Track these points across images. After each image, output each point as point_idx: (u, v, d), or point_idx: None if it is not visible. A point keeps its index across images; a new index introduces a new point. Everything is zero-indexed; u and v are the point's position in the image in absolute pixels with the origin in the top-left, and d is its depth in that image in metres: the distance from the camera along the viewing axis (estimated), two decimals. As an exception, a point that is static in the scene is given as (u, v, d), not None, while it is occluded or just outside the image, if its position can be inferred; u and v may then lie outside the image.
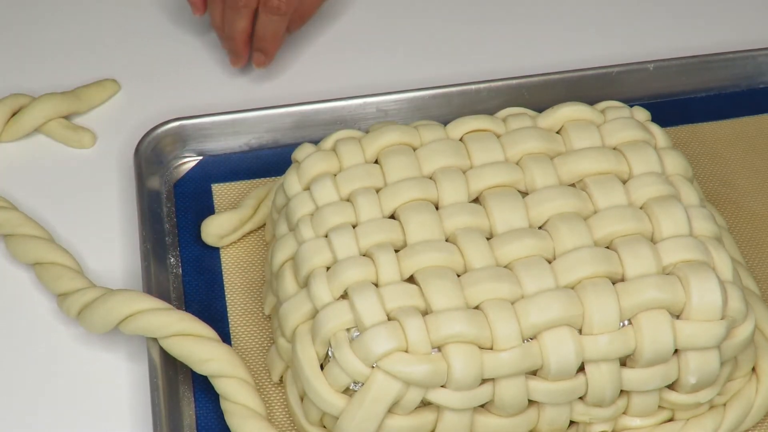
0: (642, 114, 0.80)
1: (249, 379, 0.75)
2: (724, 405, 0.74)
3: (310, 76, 0.98)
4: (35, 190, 0.89)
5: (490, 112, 0.80)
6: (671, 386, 0.72)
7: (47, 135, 0.93)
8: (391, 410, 0.69)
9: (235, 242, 0.85)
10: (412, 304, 0.69)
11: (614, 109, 0.80)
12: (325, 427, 0.73)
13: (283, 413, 0.76)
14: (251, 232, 0.86)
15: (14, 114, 0.92)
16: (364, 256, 0.72)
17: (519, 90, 0.93)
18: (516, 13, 1.03)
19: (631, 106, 0.81)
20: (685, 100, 0.96)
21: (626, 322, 0.70)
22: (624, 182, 0.75)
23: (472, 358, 0.67)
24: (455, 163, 0.76)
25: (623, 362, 0.70)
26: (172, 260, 0.84)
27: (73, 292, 0.79)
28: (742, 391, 0.75)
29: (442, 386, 0.68)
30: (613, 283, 0.70)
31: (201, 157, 0.91)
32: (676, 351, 0.70)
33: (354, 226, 0.73)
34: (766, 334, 0.76)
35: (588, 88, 0.93)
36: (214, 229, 0.84)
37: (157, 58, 0.98)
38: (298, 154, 0.79)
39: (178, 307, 0.80)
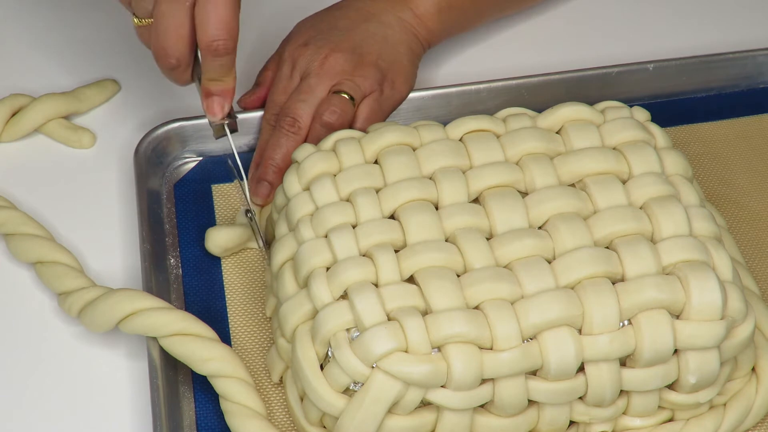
0: (642, 114, 0.80)
1: (249, 379, 0.75)
2: (724, 405, 0.74)
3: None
4: (35, 190, 0.89)
5: (490, 112, 0.80)
6: (671, 386, 0.72)
7: (47, 135, 0.93)
8: (391, 410, 0.69)
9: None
10: (412, 304, 0.69)
11: (614, 109, 0.80)
12: (325, 427, 0.73)
13: (283, 413, 0.76)
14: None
15: (14, 114, 0.92)
16: (364, 256, 0.72)
17: (519, 90, 0.93)
18: (516, 13, 1.03)
19: (631, 106, 0.81)
20: (685, 100, 0.96)
21: (626, 322, 0.70)
22: (624, 182, 0.75)
23: (472, 358, 0.67)
24: (455, 163, 0.76)
25: (623, 362, 0.71)
26: (172, 261, 0.84)
27: (75, 291, 0.79)
28: (742, 391, 0.75)
29: (442, 386, 0.68)
30: (613, 283, 0.70)
31: (201, 158, 0.91)
32: (676, 351, 0.70)
33: (354, 227, 0.73)
34: (766, 334, 0.76)
35: (588, 88, 0.93)
36: (219, 241, 0.83)
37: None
38: (298, 154, 0.79)
39: (179, 308, 0.80)
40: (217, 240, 0.83)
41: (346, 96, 0.86)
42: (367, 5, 0.91)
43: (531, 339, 0.69)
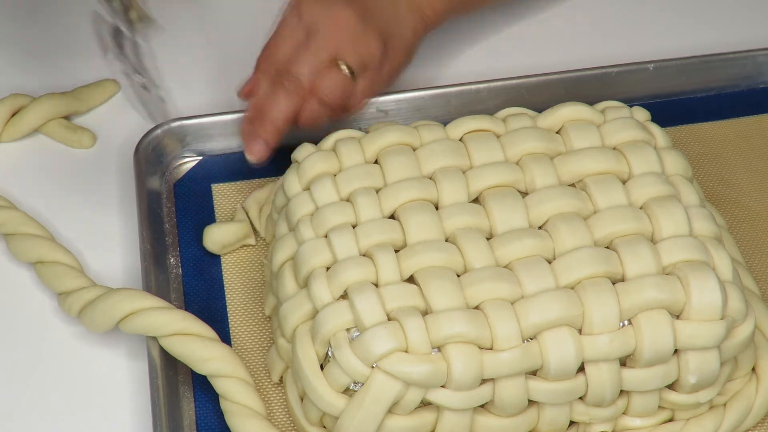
0: (642, 114, 0.80)
1: (249, 379, 0.75)
2: (724, 405, 0.74)
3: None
4: (35, 190, 0.89)
5: (490, 112, 0.80)
6: (671, 386, 0.72)
7: (47, 135, 0.93)
8: (391, 410, 0.69)
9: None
10: (412, 304, 0.69)
11: (614, 109, 0.80)
12: (325, 427, 0.73)
13: (283, 413, 0.76)
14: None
15: (14, 114, 0.92)
16: (364, 256, 0.72)
17: (519, 90, 0.93)
18: (516, 13, 1.03)
19: (631, 106, 0.81)
20: (685, 100, 0.96)
21: (626, 322, 0.70)
22: (624, 182, 0.75)
23: (472, 358, 0.67)
24: (455, 163, 0.76)
25: (623, 362, 0.71)
26: (172, 260, 0.84)
27: (75, 290, 0.79)
28: (743, 391, 0.75)
29: (442, 386, 0.68)
30: (613, 283, 0.70)
31: (201, 157, 0.91)
32: (676, 351, 0.70)
33: (354, 226, 0.73)
34: (766, 334, 0.76)
35: (588, 88, 0.93)
36: (217, 237, 0.84)
37: (157, 58, 0.98)
38: (298, 154, 0.79)
39: (178, 307, 0.80)
40: (215, 237, 0.84)
41: (346, 70, 0.83)
42: None
43: (531, 339, 0.69)
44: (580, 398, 0.71)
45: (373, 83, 0.86)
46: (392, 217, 0.74)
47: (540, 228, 0.73)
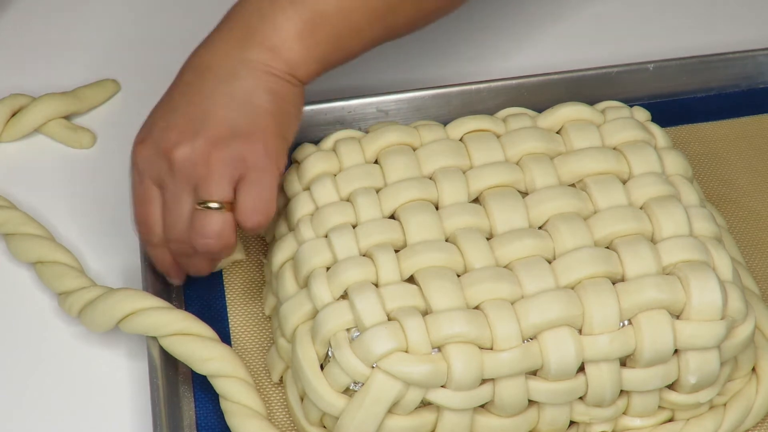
0: (642, 114, 0.80)
1: (249, 379, 0.75)
2: (725, 405, 0.74)
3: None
4: (35, 190, 0.89)
5: (490, 112, 0.80)
6: (671, 386, 0.72)
7: (47, 135, 0.93)
8: (391, 410, 0.69)
9: (235, 243, 0.85)
10: (412, 304, 0.69)
11: (614, 109, 0.80)
12: (325, 427, 0.73)
13: (283, 413, 0.76)
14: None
15: (14, 114, 0.92)
16: (364, 256, 0.72)
17: (519, 90, 0.93)
18: (516, 13, 1.03)
19: (631, 106, 0.81)
20: (685, 100, 0.96)
21: (626, 322, 0.70)
22: (624, 182, 0.75)
23: (472, 358, 0.67)
24: (455, 163, 0.76)
25: (623, 362, 0.70)
26: (172, 260, 0.84)
27: (75, 290, 0.79)
28: (743, 391, 0.75)
29: (442, 386, 0.68)
30: (613, 283, 0.70)
31: (201, 157, 0.90)
32: (676, 351, 0.70)
33: (354, 226, 0.73)
34: (766, 334, 0.76)
35: (588, 88, 0.93)
36: None
37: (157, 58, 0.98)
38: (298, 154, 0.79)
39: (179, 307, 0.80)
40: None
41: (212, 207, 0.72)
42: (204, 57, 0.77)
43: (531, 339, 0.69)
44: (580, 398, 0.71)
45: (258, 185, 0.73)
46: (392, 217, 0.74)
47: (540, 228, 0.73)
